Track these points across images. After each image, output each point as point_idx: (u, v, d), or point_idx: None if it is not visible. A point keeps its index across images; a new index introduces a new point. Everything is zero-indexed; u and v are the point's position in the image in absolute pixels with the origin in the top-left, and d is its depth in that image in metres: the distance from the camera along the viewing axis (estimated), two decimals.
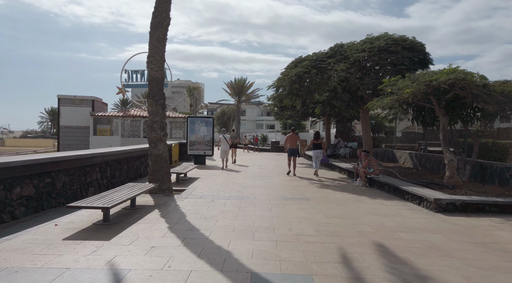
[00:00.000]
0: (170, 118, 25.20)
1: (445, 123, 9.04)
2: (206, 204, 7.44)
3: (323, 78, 12.54)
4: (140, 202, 7.38)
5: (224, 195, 8.59)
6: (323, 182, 11.53)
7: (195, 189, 9.49)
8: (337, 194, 9.18)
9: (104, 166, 8.67)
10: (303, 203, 7.87)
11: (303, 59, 13.33)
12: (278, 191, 9.44)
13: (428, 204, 7.45)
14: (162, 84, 8.67)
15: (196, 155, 17.33)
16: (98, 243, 4.58)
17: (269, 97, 15.13)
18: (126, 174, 10.27)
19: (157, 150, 8.56)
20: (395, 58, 11.93)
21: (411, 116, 11.66)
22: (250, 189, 9.64)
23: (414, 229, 5.81)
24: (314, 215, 6.66)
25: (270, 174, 13.77)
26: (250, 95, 48.39)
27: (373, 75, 12.40)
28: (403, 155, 15.10)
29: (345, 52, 13.01)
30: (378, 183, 10.37)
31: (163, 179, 8.55)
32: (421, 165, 13.19)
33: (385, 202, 8.22)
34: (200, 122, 17.58)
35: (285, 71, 13.49)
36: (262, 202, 7.87)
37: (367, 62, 12.48)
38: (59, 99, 24.82)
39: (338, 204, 7.79)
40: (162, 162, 8.59)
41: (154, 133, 8.55)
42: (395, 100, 9.26)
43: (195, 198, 8.10)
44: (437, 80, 7.86)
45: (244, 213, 6.65)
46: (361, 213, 6.92)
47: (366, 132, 14.87)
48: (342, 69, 12.03)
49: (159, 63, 8.50)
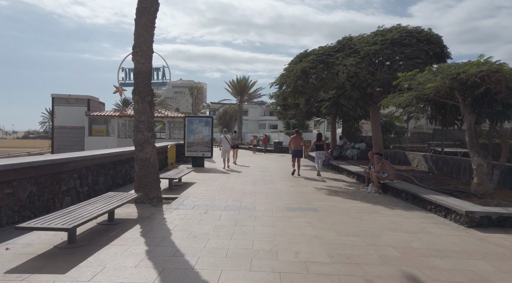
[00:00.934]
0: (169, 118, 24.20)
1: (472, 123, 7.95)
2: (198, 217, 6.40)
3: (330, 73, 11.46)
4: (121, 215, 6.35)
5: (220, 205, 7.55)
6: (331, 188, 10.46)
7: (188, 196, 8.45)
8: (348, 203, 8.11)
9: (85, 171, 7.65)
10: (311, 215, 6.81)
11: (308, 54, 12.26)
12: (282, 199, 8.39)
13: (457, 217, 6.37)
14: (149, 78, 7.63)
15: (194, 157, 16.31)
16: (48, 279, 3.54)
17: (271, 94, 14.10)
18: (112, 179, 9.26)
19: (144, 153, 7.53)
20: (410, 51, 10.83)
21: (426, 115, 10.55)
22: (250, 197, 8.59)
23: (449, 252, 4.73)
24: (325, 231, 5.60)
25: (272, 177, 12.71)
26: (252, 94, 47.30)
27: (385, 70, 11.31)
28: (416, 157, 14.00)
29: (355, 45, 11.92)
30: (393, 189, 9.29)
31: (150, 187, 7.52)
32: (438, 168, 12.09)
33: (404, 213, 7.14)
34: (199, 122, 16.55)
35: (289, 67, 12.42)
36: (263, 213, 6.81)
37: (379, 56, 11.38)
38: (53, 99, 23.88)
39: (351, 216, 6.72)
40: (150, 167, 7.56)
41: (140, 134, 7.52)
42: (413, 97, 8.18)
43: (186, 209, 7.06)
44: (466, 73, 6.77)
45: (242, 229, 5.60)
46: (380, 229, 5.85)
47: (376, 133, 13.77)
48: (351, 63, 10.94)
49: (146, 55, 7.46)
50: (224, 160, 15.55)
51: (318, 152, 13.31)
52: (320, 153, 13.31)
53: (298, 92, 12.50)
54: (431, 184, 9.42)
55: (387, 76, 10.87)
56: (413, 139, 20.99)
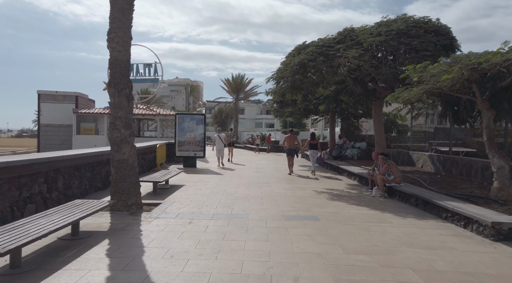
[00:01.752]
0: (161, 116, 23.21)
1: (490, 120, 7.10)
2: (180, 228, 5.49)
3: (331, 67, 10.57)
4: (89, 226, 5.44)
5: (208, 212, 6.64)
6: (332, 191, 9.58)
7: (173, 202, 7.53)
8: (353, 209, 7.23)
9: (53, 174, 6.72)
10: (311, 224, 5.93)
11: (307, 46, 11.36)
12: (278, 205, 7.50)
13: (481, 228, 5.51)
14: (127, 68, 6.70)
15: (185, 156, 15.38)
16: None
17: (268, 91, 13.19)
18: (90, 182, 8.32)
19: (121, 154, 6.61)
20: (418, 42, 9.96)
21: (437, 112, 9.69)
22: (242, 202, 7.69)
23: (482, 276, 3.87)
24: (329, 248, 4.72)
25: (268, 179, 11.82)
26: (248, 92, 46.32)
27: (390, 63, 10.44)
28: (421, 157, 13.16)
29: (357, 36, 11.04)
30: (400, 193, 8.44)
31: (128, 192, 6.60)
32: (446, 170, 11.25)
33: (418, 222, 6.28)
34: (191, 120, 15.63)
35: (286, 60, 11.53)
36: (257, 223, 5.92)
37: (383, 48, 10.51)
38: (39, 95, 22.82)
39: (358, 227, 5.84)
40: (128, 169, 6.64)
41: (117, 132, 6.59)
42: (424, 91, 7.31)
43: (168, 218, 6.15)
44: (489, 62, 5.90)
45: (230, 246, 4.70)
46: (393, 243, 4.98)
47: (379, 131, 12.91)
48: (354, 56, 10.06)
49: (123, 41, 6.53)
50: (218, 158, 15.80)
51: (312, 151, 13.36)
52: (314, 152, 13.34)
53: (296, 87, 11.61)
54: (442, 187, 8.57)
55: (393, 70, 10.00)
56: (413, 138, 20.18)
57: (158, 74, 24.53)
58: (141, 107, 24.47)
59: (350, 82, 10.52)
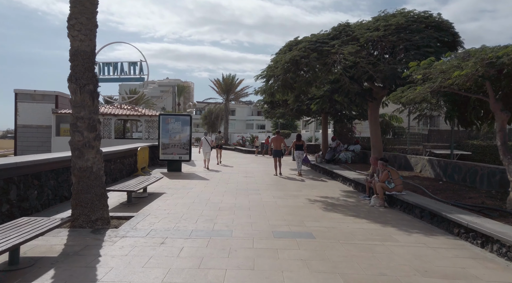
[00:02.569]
0: (146, 117, 22.14)
1: (505, 122, 6.35)
2: (149, 252, 4.57)
3: (325, 64, 9.75)
4: (38, 249, 4.48)
5: (186, 229, 5.73)
6: (326, 199, 8.74)
7: (147, 215, 6.59)
8: (351, 223, 6.39)
9: (3, 184, 5.73)
10: (305, 244, 5.06)
11: (299, 42, 10.53)
12: (267, 218, 6.61)
13: (503, 250, 4.70)
14: (91, 61, 5.76)
15: (170, 160, 14.41)
16: None
17: (257, 90, 12.32)
18: (54, 192, 7.32)
19: (83, 160, 5.65)
20: (419, 38, 9.20)
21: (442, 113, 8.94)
22: (227, 214, 6.79)
23: None
24: (328, 278, 3.85)
25: (258, 185, 10.94)
26: (239, 93, 45.41)
27: (389, 60, 9.66)
28: (419, 161, 12.42)
29: (353, 32, 10.25)
30: (402, 203, 7.64)
31: (92, 205, 5.65)
32: (447, 176, 10.51)
33: (427, 240, 5.46)
34: (175, 121, 14.65)
35: (276, 57, 10.67)
36: (242, 243, 5.03)
37: (382, 43, 9.73)
38: (16, 94, 21.53)
39: (360, 247, 5.00)
40: (92, 178, 5.69)
41: (79, 135, 5.64)
42: (431, 90, 6.52)
43: (137, 236, 5.22)
44: (510, 56, 5.12)
45: (206, 278, 3.80)
46: (404, 270, 4.14)
47: (375, 134, 12.15)
48: (350, 52, 9.26)
49: (86, 29, 5.59)
50: (205, 160, 15.81)
51: (298, 152, 13.49)
52: (300, 153, 13.45)
53: (288, 86, 10.76)
54: (448, 196, 7.80)
55: (393, 66, 9.22)
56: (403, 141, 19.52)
57: (144, 73, 23.48)
58: (125, 108, 23.39)
59: (346, 80, 9.70)
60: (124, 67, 23.34)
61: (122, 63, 23.42)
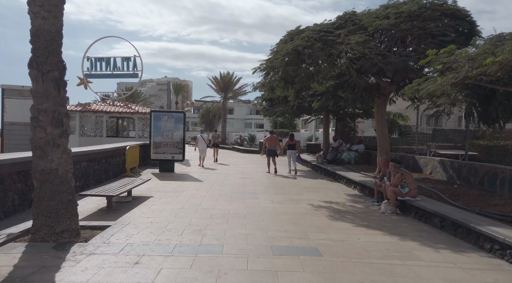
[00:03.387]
0: (140, 115, 21.19)
1: None
2: (118, 275, 3.67)
3: (330, 55, 8.86)
4: None
5: (169, 243, 4.82)
6: (331, 205, 7.86)
7: (127, 224, 5.69)
8: (363, 235, 5.51)
9: None
10: (311, 264, 4.17)
11: (301, 31, 9.63)
12: (265, 228, 5.72)
13: None
14: (57, 43, 4.84)
15: (162, 160, 13.51)
16: None
17: (255, 85, 11.40)
18: (21, 197, 6.40)
19: (47, 161, 4.75)
20: (434, 26, 8.32)
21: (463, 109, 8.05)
22: (219, 224, 5.90)
23: None
24: None
25: (255, 187, 10.05)
26: (237, 91, 44.44)
27: (401, 51, 8.77)
28: (429, 162, 11.54)
29: (360, 20, 9.37)
30: (417, 210, 6.76)
31: (57, 214, 4.75)
32: (461, 178, 9.64)
33: (456, 257, 4.57)
34: (168, 119, 13.75)
35: (277, 47, 9.77)
36: (234, 263, 4.13)
37: (392, 31, 8.83)
38: (2, 90, 20.57)
39: (377, 268, 4.11)
40: (57, 183, 4.79)
41: (41, 131, 4.74)
42: (456, 80, 5.63)
43: (108, 254, 4.31)
44: None
45: None
46: None
47: (382, 133, 11.27)
48: (357, 42, 8.37)
49: (49, 5, 4.67)
50: (200, 157, 15.90)
51: (290, 151, 13.77)
52: (292, 152, 13.76)
53: (289, 80, 9.87)
54: (469, 203, 6.92)
55: (404, 58, 8.34)
56: (410, 141, 18.68)
57: (138, 69, 22.51)
58: (118, 105, 22.42)
59: (353, 73, 8.81)
60: (117, 62, 22.36)
61: (115, 59, 22.44)
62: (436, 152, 14.51)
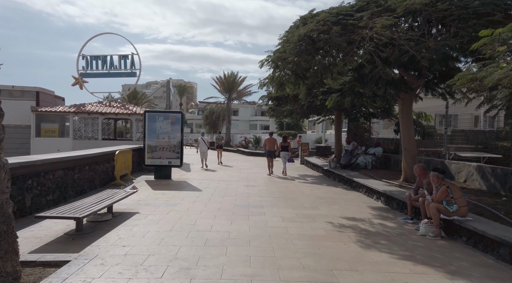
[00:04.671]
0: (137, 116, 19.88)
1: None
2: None
3: (351, 42, 7.40)
4: None
5: None
6: (355, 223, 6.38)
7: (92, 258, 4.27)
8: (410, 273, 4.04)
9: None
10: None
11: (315, 15, 8.19)
12: (276, 263, 4.26)
13: None
14: None
15: (157, 165, 12.11)
16: None
17: (262, 81, 9.96)
18: None
19: None
20: (480, 3, 6.82)
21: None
22: (215, 257, 4.45)
23: None
24: None
25: (261, 198, 8.61)
26: (242, 92, 43.10)
27: (437, 35, 7.28)
28: (463, 168, 9.99)
29: (385, 1, 7.89)
30: (471, 233, 5.26)
31: None
32: (507, 188, 8.10)
33: None
34: (164, 120, 12.34)
35: (287, 34, 8.33)
36: None
37: (425, 14, 7.34)
38: None
39: None
40: None
41: None
42: None
43: None
44: None
45: None
46: None
47: (408, 134, 9.79)
48: (384, 25, 6.91)
49: None
50: (202, 160, 15.95)
51: (283, 153, 14.12)
52: (285, 154, 14.11)
53: (300, 75, 8.42)
54: None
55: (444, 43, 6.83)
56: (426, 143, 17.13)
57: (135, 68, 21.23)
58: (115, 106, 21.13)
59: (378, 63, 7.33)
60: (114, 61, 21.10)
61: (111, 57, 21.17)
62: (457, 154, 13.07)
